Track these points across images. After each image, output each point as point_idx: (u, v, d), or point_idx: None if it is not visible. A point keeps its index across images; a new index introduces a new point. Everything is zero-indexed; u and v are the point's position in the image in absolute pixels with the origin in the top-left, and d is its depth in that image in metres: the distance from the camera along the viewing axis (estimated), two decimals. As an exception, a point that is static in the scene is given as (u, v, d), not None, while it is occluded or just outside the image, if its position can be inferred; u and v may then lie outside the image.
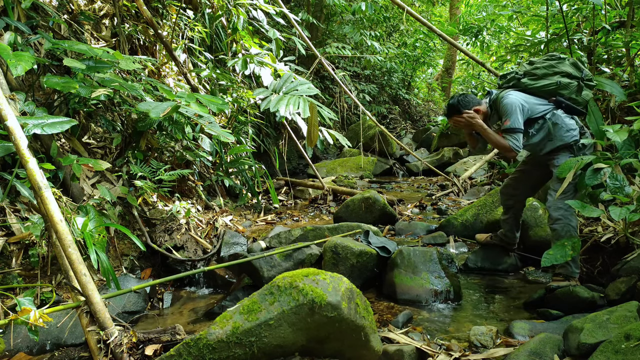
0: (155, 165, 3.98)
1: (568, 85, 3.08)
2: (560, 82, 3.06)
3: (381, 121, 11.90)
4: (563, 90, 3.08)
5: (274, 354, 2.09)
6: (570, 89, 3.09)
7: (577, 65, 3.13)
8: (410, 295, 3.18)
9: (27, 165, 2.20)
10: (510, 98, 3.06)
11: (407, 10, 6.45)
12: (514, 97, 3.06)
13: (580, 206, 2.67)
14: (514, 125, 3.00)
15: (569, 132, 3.06)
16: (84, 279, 2.22)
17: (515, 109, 3.01)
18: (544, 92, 3.13)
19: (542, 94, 3.14)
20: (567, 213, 2.98)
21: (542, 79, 3.12)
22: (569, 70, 3.10)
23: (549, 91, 3.12)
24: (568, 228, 2.97)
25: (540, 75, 3.13)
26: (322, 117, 4.83)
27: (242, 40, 5.79)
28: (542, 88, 3.12)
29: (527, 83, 3.16)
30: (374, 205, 4.86)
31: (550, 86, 3.09)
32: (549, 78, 3.10)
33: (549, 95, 3.14)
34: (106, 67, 3.23)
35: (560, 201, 3.00)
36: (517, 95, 3.09)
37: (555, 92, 3.11)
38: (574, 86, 3.09)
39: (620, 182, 2.60)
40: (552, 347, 2.22)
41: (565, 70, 3.10)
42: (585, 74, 3.12)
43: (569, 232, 2.97)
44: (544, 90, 3.12)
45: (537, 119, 3.10)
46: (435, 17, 15.02)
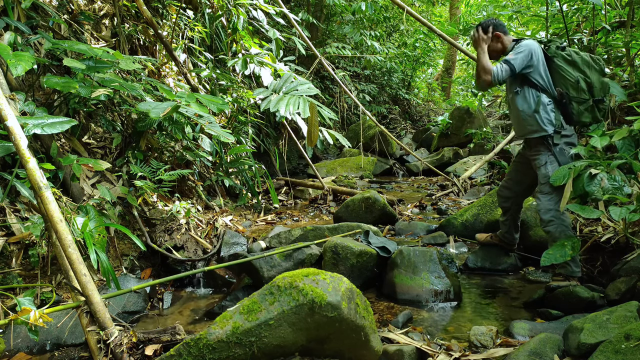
0: (155, 165, 3.98)
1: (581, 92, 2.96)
2: (579, 81, 2.94)
3: (381, 121, 11.89)
4: (573, 91, 2.97)
5: (274, 354, 2.09)
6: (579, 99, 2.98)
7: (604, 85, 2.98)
8: (410, 295, 3.18)
9: (27, 165, 2.20)
10: (528, 42, 2.99)
11: (407, 10, 6.45)
12: (532, 43, 2.99)
13: (579, 209, 2.67)
14: (511, 60, 2.95)
15: (545, 123, 2.99)
16: (84, 279, 2.23)
17: (526, 52, 2.95)
18: (558, 76, 3.01)
19: (556, 75, 3.02)
20: (558, 213, 2.98)
21: (570, 65, 2.98)
22: (595, 83, 2.96)
23: (560, 77, 3.00)
24: (562, 228, 2.98)
25: (571, 61, 2.99)
26: (322, 117, 4.83)
27: (242, 40, 5.79)
28: (558, 69, 3.00)
29: (555, 53, 3.03)
30: (374, 205, 4.86)
31: (567, 75, 2.97)
32: (575, 70, 2.97)
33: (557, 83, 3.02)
34: (106, 67, 3.23)
35: (550, 202, 3.00)
36: (536, 46, 2.99)
37: (566, 86, 2.99)
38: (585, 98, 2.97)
39: (619, 183, 2.60)
40: (552, 347, 2.22)
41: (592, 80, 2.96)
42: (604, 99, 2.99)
43: (563, 232, 2.97)
44: (559, 73, 3.00)
45: (528, 81, 3.02)
46: (435, 17, 15.02)
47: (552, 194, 3.00)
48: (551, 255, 2.76)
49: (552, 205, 2.99)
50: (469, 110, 9.66)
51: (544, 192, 3.06)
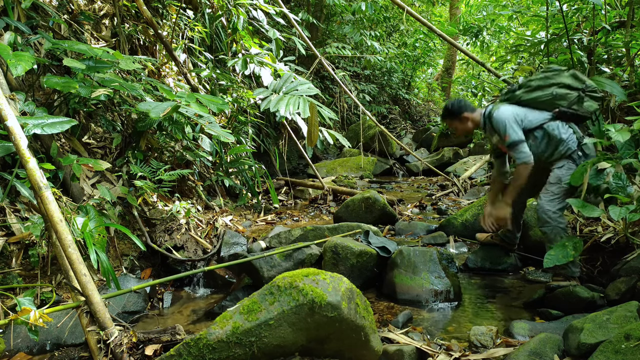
0: (155, 165, 3.97)
1: (565, 95, 3.07)
2: (556, 93, 3.07)
3: (381, 121, 11.89)
4: (560, 101, 3.08)
5: (274, 354, 2.09)
6: (569, 100, 3.08)
7: (577, 76, 3.11)
8: (410, 295, 3.18)
9: (27, 165, 2.20)
10: (500, 114, 3.10)
11: (407, 10, 6.45)
12: (503, 111, 3.10)
13: (580, 206, 2.67)
14: (513, 138, 3.04)
15: (568, 143, 3.06)
16: (84, 279, 2.23)
17: (509, 123, 3.05)
18: (540, 103, 3.14)
19: (539, 105, 3.15)
20: (556, 215, 2.99)
21: (536, 90, 3.13)
22: (567, 82, 3.08)
23: (545, 102, 3.12)
24: (557, 230, 2.99)
25: (535, 87, 3.15)
26: (322, 117, 4.83)
27: (242, 40, 5.79)
28: (537, 99, 3.13)
29: (520, 95, 3.19)
30: (374, 205, 4.86)
31: (545, 97, 3.10)
32: (544, 89, 3.11)
33: (548, 107, 3.13)
34: (106, 67, 3.23)
35: (550, 204, 3.01)
36: (507, 109, 3.12)
37: (553, 103, 3.10)
38: (573, 97, 3.08)
39: (624, 182, 2.60)
40: (552, 347, 2.22)
41: (563, 82, 3.09)
42: (588, 85, 3.09)
43: (558, 234, 2.98)
44: (539, 101, 3.13)
45: (533, 130, 3.11)
46: (435, 17, 15.01)
47: (556, 195, 3.01)
48: (553, 257, 2.75)
49: (552, 207, 3.00)
50: (469, 110, 9.64)
51: (549, 193, 3.06)
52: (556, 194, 3.02)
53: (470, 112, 3.31)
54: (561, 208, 3.01)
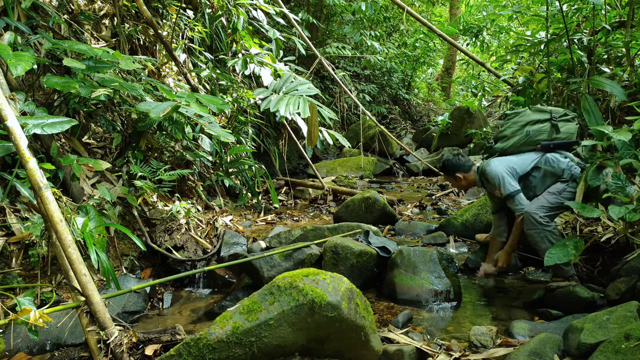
0: (155, 165, 3.97)
1: (541, 130, 3.16)
2: (530, 131, 3.15)
3: (381, 121, 11.89)
4: (539, 136, 3.16)
5: (274, 354, 2.09)
6: (545, 132, 3.16)
7: (540, 109, 3.21)
8: (410, 295, 3.18)
9: (27, 165, 2.20)
10: (491, 170, 3.17)
11: (407, 10, 6.46)
12: (493, 167, 3.17)
13: (580, 207, 2.67)
14: (508, 191, 3.10)
15: (570, 169, 3.09)
16: (84, 279, 2.23)
17: (501, 176, 3.12)
18: (522, 146, 3.21)
19: (522, 148, 3.22)
20: (542, 220, 3.00)
21: (513, 137, 3.23)
22: (534, 118, 3.18)
23: (525, 143, 3.20)
24: (544, 233, 2.99)
25: (510, 134, 3.24)
26: (322, 117, 4.83)
27: (242, 40, 5.79)
28: (516, 144, 3.22)
29: (500, 146, 3.28)
30: (374, 205, 4.86)
31: (523, 139, 3.19)
32: (518, 133, 3.20)
33: (530, 147, 3.21)
34: (106, 67, 3.23)
35: (539, 210, 3.03)
36: (497, 164, 3.18)
37: (533, 141, 3.18)
38: (547, 128, 3.16)
39: (623, 182, 2.60)
40: (552, 347, 2.22)
41: (531, 119, 3.17)
42: (555, 113, 3.17)
43: (546, 237, 2.99)
44: (519, 145, 3.21)
45: (530, 172, 3.17)
46: (435, 17, 15.01)
47: (549, 204, 3.03)
48: (554, 255, 2.76)
49: (541, 212, 3.01)
50: (469, 110, 9.66)
51: (543, 199, 3.07)
52: (550, 203, 3.05)
53: (464, 171, 3.40)
54: (550, 215, 3.03)
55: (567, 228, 3.70)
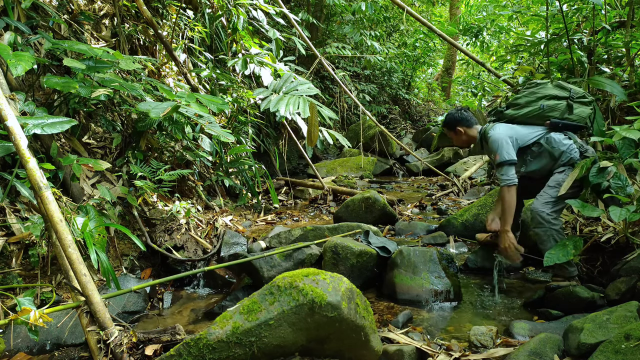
0: (155, 165, 3.97)
1: (555, 106, 3.11)
2: (545, 106, 3.10)
3: (381, 121, 11.89)
4: (551, 112, 3.12)
5: (274, 354, 2.09)
6: (559, 110, 3.11)
7: (561, 85, 3.15)
8: (410, 295, 3.18)
9: (27, 165, 2.20)
10: (494, 134, 3.13)
11: (407, 10, 6.46)
12: (497, 132, 3.13)
13: (580, 206, 2.67)
14: (502, 159, 3.07)
15: (569, 151, 3.07)
16: (84, 279, 2.23)
17: (501, 143, 3.08)
18: (532, 118, 3.17)
19: (531, 120, 3.18)
20: (550, 217, 2.99)
21: (526, 106, 3.18)
22: (552, 93, 3.13)
23: (536, 116, 3.16)
24: (551, 232, 2.98)
25: (524, 103, 3.19)
26: (322, 117, 4.83)
27: (242, 40, 5.79)
28: (527, 115, 3.17)
29: (511, 113, 3.23)
30: (374, 205, 4.86)
31: (535, 111, 3.14)
32: (532, 104, 3.15)
33: (539, 120, 3.16)
34: (106, 67, 3.23)
35: (545, 206, 3.01)
36: (501, 129, 3.14)
37: (545, 116, 3.14)
38: (563, 106, 3.11)
39: (623, 182, 2.60)
40: (552, 347, 2.22)
41: (549, 93, 3.13)
42: (574, 92, 3.13)
43: (552, 236, 2.98)
44: (530, 116, 3.17)
45: (530, 145, 3.14)
46: (435, 17, 15.01)
47: (552, 199, 3.01)
48: (553, 255, 2.76)
49: (547, 209, 3.00)
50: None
51: (546, 195, 3.06)
52: (553, 197, 3.02)
53: (465, 126, 3.37)
54: (556, 211, 3.01)
55: (567, 228, 3.70)
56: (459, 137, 3.44)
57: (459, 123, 3.38)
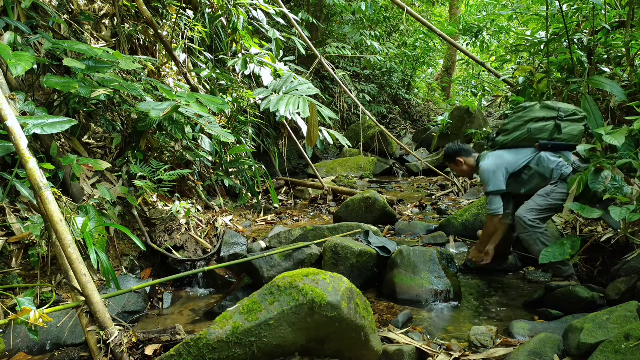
0: (155, 165, 3.97)
1: (543, 128, 3.16)
2: (532, 129, 3.17)
3: (381, 121, 11.89)
4: (539, 134, 3.17)
5: (274, 354, 2.09)
6: (547, 131, 3.17)
7: (548, 106, 3.20)
8: (410, 295, 3.18)
9: (27, 165, 2.20)
10: (483, 166, 3.25)
11: (407, 10, 6.46)
12: (486, 163, 3.24)
13: (579, 208, 2.67)
14: (489, 189, 3.20)
15: (559, 168, 3.12)
16: (84, 279, 2.23)
17: (489, 175, 3.19)
18: (522, 141, 3.24)
19: (522, 143, 3.25)
20: (532, 223, 3.04)
21: (514, 131, 3.25)
22: (539, 115, 3.18)
23: (525, 140, 3.22)
24: (536, 235, 3.03)
25: (512, 128, 3.27)
26: (322, 117, 4.83)
27: (242, 40, 5.79)
28: (517, 139, 3.24)
29: (501, 140, 3.31)
30: (374, 205, 4.86)
31: (524, 135, 3.21)
32: (520, 128, 3.23)
33: (530, 143, 3.23)
34: (106, 67, 3.23)
35: (529, 213, 3.06)
36: (490, 160, 3.24)
37: (534, 139, 3.19)
38: (550, 127, 3.16)
39: (619, 183, 2.60)
40: (552, 347, 2.22)
41: (536, 116, 3.18)
42: (563, 111, 3.16)
43: (538, 239, 3.02)
44: (519, 140, 3.23)
45: (522, 170, 3.22)
46: (435, 17, 15.01)
47: (538, 207, 3.07)
48: (550, 253, 2.76)
49: (530, 215, 3.06)
50: (469, 110, 9.66)
51: (532, 202, 3.12)
52: (539, 205, 3.08)
53: (464, 156, 3.49)
54: (541, 218, 3.06)
55: (567, 228, 3.70)
56: (459, 167, 3.55)
57: (458, 154, 3.50)
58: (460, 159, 3.50)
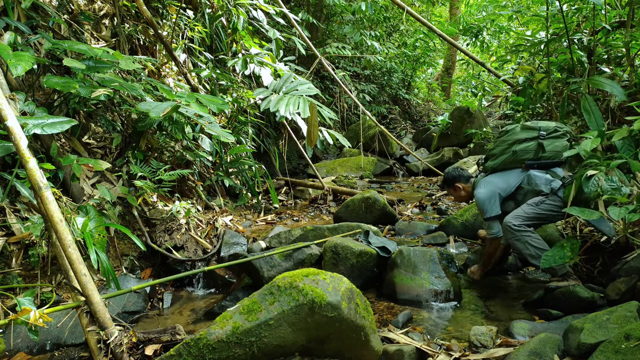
0: (155, 165, 3.97)
1: (526, 149, 3.22)
2: (516, 151, 3.23)
3: (381, 121, 11.89)
4: (524, 155, 3.23)
5: (274, 354, 2.09)
6: (531, 151, 3.21)
7: (528, 127, 3.25)
8: (410, 295, 3.18)
9: (27, 165, 2.20)
10: (477, 194, 3.30)
11: (407, 10, 6.46)
12: (481, 192, 3.28)
13: (579, 211, 2.67)
14: (488, 215, 3.24)
15: (548, 184, 3.16)
16: (84, 279, 2.23)
17: (484, 202, 3.24)
18: (509, 164, 3.28)
19: (510, 166, 3.30)
20: (518, 228, 3.06)
21: (501, 155, 3.31)
22: (521, 137, 3.23)
23: (512, 162, 3.27)
24: (524, 239, 3.05)
25: (498, 152, 3.33)
26: (322, 117, 4.83)
27: (242, 40, 5.79)
28: (504, 163, 3.29)
29: (490, 165, 3.37)
30: (374, 205, 4.86)
31: (510, 158, 3.26)
32: (506, 152, 3.28)
33: (517, 164, 3.28)
34: (106, 67, 3.23)
35: (514, 218, 3.10)
36: (484, 189, 3.28)
37: (519, 160, 3.24)
38: (534, 146, 3.21)
39: (616, 183, 2.60)
40: (552, 347, 2.22)
41: (517, 138, 3.24)
42: (544, 130, 3.20)
43: (527, 242, 3.04)
44: (507, 163, 3.29)
45: (516, 191, 3.26)
46: (435, 17, 15.00)
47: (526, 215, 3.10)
48: (550, 257, 2.76)
49: (516, 221, 3.08)
50: (469, 110, 9.66)
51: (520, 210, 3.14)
52: (526, 213, 3.11)
53: (463, 182, 3.53)
54: (526, 225, 3.08)
55: (567, 228, 3.70)
56: (457, 193, 3.58)
57: (457, 180, 3.54)
58: (459, 184, 3.54)
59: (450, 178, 3.58)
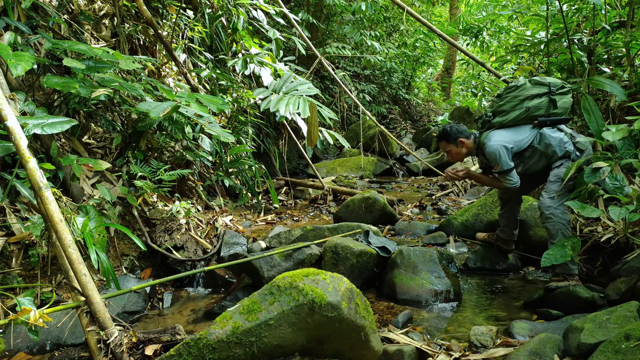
0: (155, 165, 3.97)
1: (539, 105, 3.17)
2: (529, 107, 3.16)
3: (381, 121, 11.88)
4: (537, 111, 3.17)
5: (274, 354, 2.09)
6: (544, 107, 3.17)
7: (539, 82, 3.20)
8: (410, 295, 3.18)
9: (27, 165, 2.20)
10: (491, 146, 3.18)
11: (407, 10, 6.46)
12: (494, 142, 3.18)
13: (579, 207, 2.67)
14: (503, 168, 3.15)
15: (562, 145, 3.12)
16: (84, 279, 2.23)
17: (498, 154, 3.14)
18: (521, 120, 3.22)
19: (520, 122, 3.23)
20: (558, 211, 3.04)
21: (512, 111, 3.23)
22: (533, 92, 3.18)
23: (524, 118, 3.21)
24: (559, 226, 3.03)
25: (509, 108, 3.24)
26: (322, 117, 4.83)
27: (242, 40, 5.79)
28: (516, 119, 3.22)
29: (499, 120, 3.28)
30: (374, 205, 4.86)
31: (522, 114, 3.19)
32: (518, 108, 3.20)
33: (528, 121, 3.21)
34: (106, 67, 3.23)
35: (551, 200, 3.07)
36: (497, 140, 3.18)
37: (532, 116, 3.19)
38: (546, 102, 3.17)
39: (620, 182, 2.60)
40: (552, 347, 2.22)
41: (530, 94, 3.18)
42: (553, 85, 3.17)
43: (560, 230, 3.02)
44: (519, 120, 3.22)
45: (526, 148, 3.20)
46: (435, 17, 15.00)
47: (557, 193, 3.07)
48: (551, 256, 2.76)
49: (554, 203, 3.05)
50: (469, 110, 9.67)
51: (550, 191, 3.12)
52: (556, 191, 3.08)
53: (465, 137, 3.39)
54: (563, 204, 3.07)
55: (569, 224, 3.70)
56: (459, 149, 3.42)
57: (460, 134, 3.38)
58: (462, 139, 3.37)
59: (453, 133, 3.38)
